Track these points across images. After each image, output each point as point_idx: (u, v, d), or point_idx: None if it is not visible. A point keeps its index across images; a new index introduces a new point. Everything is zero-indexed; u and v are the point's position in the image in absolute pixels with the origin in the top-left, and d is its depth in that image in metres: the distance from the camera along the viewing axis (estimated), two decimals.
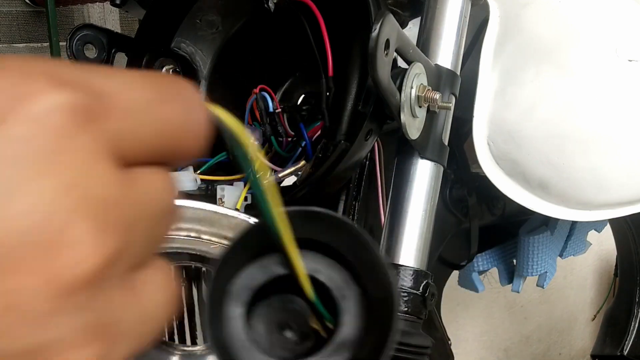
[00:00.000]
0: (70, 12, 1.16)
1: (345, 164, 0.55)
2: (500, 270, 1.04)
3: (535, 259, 0.97)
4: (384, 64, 0.48)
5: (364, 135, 0.55)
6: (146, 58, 0.66)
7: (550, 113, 0.68)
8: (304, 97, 0.68)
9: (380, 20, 0.47)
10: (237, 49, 0.69)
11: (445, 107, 0.57)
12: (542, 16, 0.71)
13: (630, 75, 0.70)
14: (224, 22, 0.68)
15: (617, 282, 1.32)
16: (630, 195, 0.75)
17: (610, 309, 1.25)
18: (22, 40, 1.12)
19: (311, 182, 0.56)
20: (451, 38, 0.61)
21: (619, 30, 0.72)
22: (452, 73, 0.61)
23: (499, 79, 0.69)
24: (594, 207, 0.74)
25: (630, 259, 1.19)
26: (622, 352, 1.16)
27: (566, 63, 0.69)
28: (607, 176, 0.71)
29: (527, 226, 0.99)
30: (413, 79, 0.54)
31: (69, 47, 0.64)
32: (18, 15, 1.11)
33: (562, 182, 0.71)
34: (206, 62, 0.69)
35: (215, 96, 0.70)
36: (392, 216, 0.59)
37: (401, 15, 0.64)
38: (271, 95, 0.61)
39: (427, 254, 0.59)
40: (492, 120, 0.69)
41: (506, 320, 2.05)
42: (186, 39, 0.68)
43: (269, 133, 0.61)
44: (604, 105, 0.69)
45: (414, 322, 0.57)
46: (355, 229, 0.26)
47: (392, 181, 0.61)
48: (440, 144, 0.60)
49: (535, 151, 0.69)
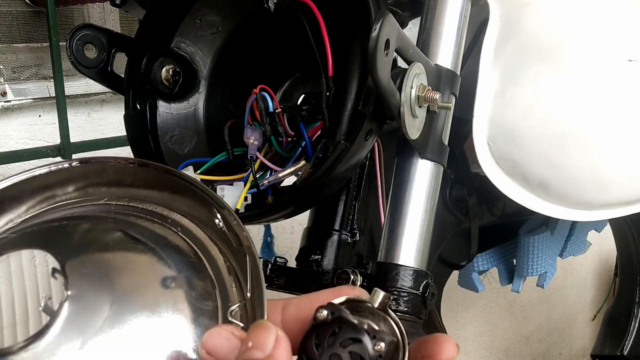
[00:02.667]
0: (70, 12, 1.15)
1: (345, 164, 0.55)
2: (500, 270, 1.04)
3: (535, 259, 0.97)
4: (384, 64, 0.48)
5: (364, 135, 0.55)
6: (146, 58, 0.66)
7: (550, 113, 0.68)
8: (304, 97, 0.68)
9: (380, 20, 0.47)
10: (237, 49, 0.69)
11: (445, 107, 0.57)
12: (542, 16, 0.71)
13: (630, 75, 0.70)
14: (224, 22, 0.68)
15: (617, 282, 1.32)
16: (630, 195, 0.75)
17: (610, 309, 1.25)
18: (22, 40, 1.12)
19: (311, 182, 0.56)
20: (451, 38, 0.61)
21: (619, 30, 0.72)
22: (452, 73, 0.61)
23: (499, 79, 0.69)
24: (594, 207, 0.74)
25: (630, 259, 1.20)
26: (622, 352, 1.16)
27: (566, 63, 0.69)
28: (607, 176, 0.71)
29: (527, 226, 0.99)
30: (413, 79, 0.54)
31: (69, 47, 0.64)
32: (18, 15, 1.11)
33: (562, 182, 0.71)
34: (206, 62, 0.69)
35: (215, 96, 0.70)
36: (392, 216, 0.59)
37: (401, 15, 0.64)
38: (271, 95, 0.61)
39: (427, 254, 0.59)
40: (492, 120, 0.69)
41: (506, 320, 2.05)
42: (186, 39, 0.68)
43: (269, 133, 0.61)
44: (604, 105, 0.69)
45: (414, 322, 0.57)
46: None
47: (392, 181, 0.61)
48: (440, 144, 0.60)
49: (535, 151, 0.69)
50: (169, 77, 0.67)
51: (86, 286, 0.37)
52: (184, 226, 0.41)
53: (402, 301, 0.56)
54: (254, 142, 0.61)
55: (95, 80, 0.66)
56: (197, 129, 0.69)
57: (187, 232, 0.41)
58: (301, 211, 0.62)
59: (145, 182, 0.41)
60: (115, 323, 0.36)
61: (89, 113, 1.24)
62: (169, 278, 0.39)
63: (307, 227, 0.70)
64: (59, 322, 0.35)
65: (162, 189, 0.41)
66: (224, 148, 0.65)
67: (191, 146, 0.69)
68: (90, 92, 1.20)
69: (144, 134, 0.67)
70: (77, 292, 0.36)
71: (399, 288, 0.56)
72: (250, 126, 0.62)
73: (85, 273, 0.37)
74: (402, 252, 0.58)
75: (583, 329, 2.33)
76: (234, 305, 0.39)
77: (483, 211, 0.89)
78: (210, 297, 0.39)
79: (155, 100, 0.67)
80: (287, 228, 1.40)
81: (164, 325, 0.37)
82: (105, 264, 0.39)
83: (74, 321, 0.35)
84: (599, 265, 2.31)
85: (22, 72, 1.13)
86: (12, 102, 1.12)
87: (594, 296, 2.35)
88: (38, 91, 1.14)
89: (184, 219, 0.41)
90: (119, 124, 1.23)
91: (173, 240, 0.41)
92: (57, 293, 0.36)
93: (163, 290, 0.39)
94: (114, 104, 1.25)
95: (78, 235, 0.39)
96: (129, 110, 0.66)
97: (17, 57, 1.12)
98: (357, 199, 0.69)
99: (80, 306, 0.36)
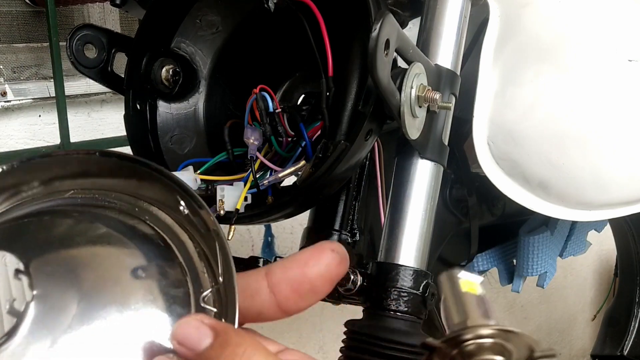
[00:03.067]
0: (70, 12, 1.15)
1: (345, 164, 0.55)
2: (500, 270, 1.04)
3: (535, 259, 0.97)
4: (384, 64, 0.48)
5: (364, 135, 0.55)
6: (146, 58, 0.66)
7: (550, 113, 0.68)
8: (304, 97, 0.68)
9: (380, 20, 0.47)
10: (237, 49, 0.69)
11: (445, 107, 0.57)
12: (542, 16, 0.71)
13: (630, 75, 0.70)
14: (224, 22, 0.68)
15: (617, 282, 1.31)
16: (630, 195, 0.75)
17: (610, 309, 1.25)
18: (22, 40, 1.12)
19: (311, 182, 0.56)
20: (451, 38, 0.61)
21: (619, 30, 0.72)
22: (452, 73, 0.61)
23: (499, 78, 0.69)
24: (594, 207, 0.74)
25: (630, 259, 1.20)
26: (622, 352, 1.16)
27: (566, 63, 0.69)
28: (607, 176, 0.71)
29: (527, 226, 0.99)
30: (413, 79, 0.54)
31: (69, 47, 0.64)
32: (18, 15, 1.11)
33: (562, 182, 0.71)
34: (206, 62, 0.69)
35: (215, 96, 0.70)
36: (392, 216, 0.59)
37: (401, 15, 0.64)
38: (271, 95, 0.61)
39: (427, 254, 0.59)
40: (492, 120, 0.69)
41: (506, 320, 2.05)
42: (186, 39, 0.68)
43: (269, 133, 0.61)
44: (604, 105, 0.69)
45: (414, 322, 0.56)
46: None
47: (392, 181, 0.61)
48: (440, 144, 0.60)
49: (535, 151, 0.69)
50: (169, 77, 0.67)
51: (52, 285, 0.36)
52: (152, 214, 0.41)
53: (402, 301, 0.56)
54: (254, 142, 0.61)
55: (95, 80, 0.66)
56: (197, 129, 0.69)
57: (155, 220, 0.40)
58: (301, 211, 0.62)
59: (110, 172, 0.39)
60: (84, 319, 0.36)
61: (89, 113, 1.24)
62: (138, 268, 0.39)
63: (307, 227, 0.70)
64: (27, 323, 0.35)
65: (128, 177, 0.40)
66: (224, 148, 0.65)
67: (191, 146, 0.69)
68: (90, 92, 1.20)
69: (144, 134, 0.67)
70: (43, 292, 0.36)
71: (399, 288, 0.56)
72: (250, 126, 0.62)
73: (49, 271, 0.36)
74: (402, 252, 0.58)
75: (583, 329, 2.33)
76: (206, 291, 0.39)
77: (483, 211, 0.89)
78: (182, 284, 0.39)
79: (155, 100, 0.67)
80: (287, 228, 1.40)
81: (136, 317, 0.37)
82: (71, 260, 0.38)
83: (41, 321, 0.35)
84: (599, 265, 2.31)
85: (22, 72, 1.13)
86: (12, 102, 1.12)
87: (594, 296, 2.35)
88: (38, 91, 1.14)
89: (152, 207, 0.40)
90: (119, 124, 1.23)
91: (142, 229, 0.40)
92: (22, 294, 0.35)
93: (133, 281, 0.39)
94: (114, 104, 1.25)
95: (42, 232, 0.39)
96: (129, 110, 0.66)
97: (17, 57, 1.12)
98: (357, 199, 0.69)
99: (47, 305, 0.35)
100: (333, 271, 0.39)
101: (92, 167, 0.39)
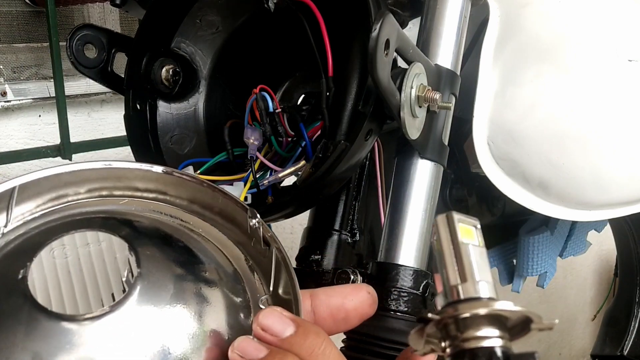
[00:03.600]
0: (70, 12, 1.15)
1: (345, 164, 0.55)
2: (500, 270, 1.04)
3: (535, 259, 0.97)
4: (384, 64, 0.48)
5: (364, 135, 0.55)
6: (146, 58, 0.66)
7: (550, 113, 0.68)
8: (304, 97, 0.68)
9: (380, 20, 0.47)
10: (237, 49, 0.69)
11: (445, 107, 0.57)
12: (542, 16, 0.71)
13: (630, 75, 0.70)
14: (224, 22, 0.68)
15: (617, 282, 1.31)
16: (630, 195, 0.75)
17: (610, 309, 1.25)
18: (22, 40, 1.12)
19: (311, 182, 0.56)
20: (451, 38, 0.62)
21: (619, 30, 0.72)
22: (452, 73, 0.61)
23: (499, 78, 0.69)
24: (594, 207, 0.74)
25: (630, 259, 1.19)
26: (622, 352, 1.16)
27: (566, 63, 0.69)
28: (607, 176, 0.71)
29: (527, 226, 0.99)
30: (413, 79, 0.54)
31: (69, 47, 0.64)
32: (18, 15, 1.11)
33: (562, 182, 0.71)
34: (206, 62, 0.69)
35: (215, 96, 0.70)
36: (392, 216, 0.59)
37: (401, 15, 0.64)
38: (271, 95, 0.61)
39: (427, 254, 0.59)
40: (492, 120, 0.69)
41: None
42: (186, 39, 0.68)
43: (269, 133, 0.61)
44: (604, 105, 0.69)
45: (414, 322, 0.56)
46: None
47: (392, 181, 0.61)
48: (440, 144, 0.60)
49: (535, 151, 0.69)
50: (169, 77, 0.67)
51: (152, 265, 0.41)
52: (207, 231, 0.48)
53: (402, 301, 0.56)
54: (254, 142, 0.61)
55: (95, 80, 0.66)
56: (197, 129, 0.69)
57: (210, 235, 0.47)
58: (301, 211, 0.62)
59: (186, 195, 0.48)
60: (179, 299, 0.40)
61: (89, 113, 1.24)
62: (206, 271, 0.44)
63: (307, 227, 0.70)
64: (134, 294, 0.39)
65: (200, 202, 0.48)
66: (224, 148, 0.65)
67: (191, 146, 0.69)
68: (90, 92, 1.20)
69: (144, 134, 0.67)
70: (146, 270, 0.40)
71: (399, 288, 0.56)
72: (250, 126, 0.62)
73: (148, 255, 0.41)
74: (402, 252, 0.58)
75: (583, 329, 2.33)
76: (263, 296, 0.44)
77: (483, 211, 0.89)
78: (240, 292, 0.44)
79: (155, 100, 0.67)
80: (287, 228, 1.40)
81: (209, 307, 0.42)
82: (162, 249, 0.43)
83: (147, 294, 0.39)
84: (599, 265, 2.31)
85: (22, 72, 1.13)
86: (12, 102, 1.12)
87: (594, 296, 2.35)
88: (38, 91, 1.14)
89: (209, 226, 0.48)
90: (119, 124, 1.23)
91: (201, 241, 0.46)
92: (131, 269, 0.40)
93: (204, 276, 0.43)
94: (114, 104, 1.25)
95: (129, 224, 0.44)
96: (129, 110, 0.66)
97: (17, 57, 1.12)
98: (357, 199, 0.69)
99: (150, 282, 0.40)
100: (365, 309, 0.45)
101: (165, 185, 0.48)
